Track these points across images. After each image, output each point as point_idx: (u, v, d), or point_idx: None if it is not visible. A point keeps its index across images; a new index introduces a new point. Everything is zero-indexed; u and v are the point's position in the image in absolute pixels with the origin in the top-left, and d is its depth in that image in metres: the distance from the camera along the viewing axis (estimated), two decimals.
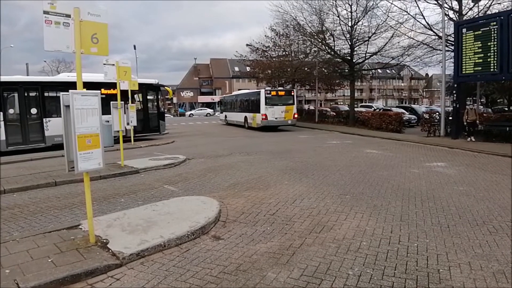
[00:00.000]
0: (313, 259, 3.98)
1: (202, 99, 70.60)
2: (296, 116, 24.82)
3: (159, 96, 19.57)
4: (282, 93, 24.59)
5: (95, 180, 8.03)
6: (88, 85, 11.37)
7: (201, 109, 61.87)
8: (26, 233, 4.84)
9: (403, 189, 7.23)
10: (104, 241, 4.30)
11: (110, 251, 4.03)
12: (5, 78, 14.25)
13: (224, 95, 41.31)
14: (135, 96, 17.97)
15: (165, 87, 20.23)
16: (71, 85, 4.11)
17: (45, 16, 3.87)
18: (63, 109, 4.07)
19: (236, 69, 67.31)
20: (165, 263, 3.91)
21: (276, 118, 23.30)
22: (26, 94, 14.69)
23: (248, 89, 33.18)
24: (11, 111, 14.31)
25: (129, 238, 4.41)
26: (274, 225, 5.09)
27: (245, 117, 26.38)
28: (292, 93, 25.11)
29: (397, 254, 4.13)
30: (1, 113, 13.73)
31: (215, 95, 68.02)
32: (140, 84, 16.74)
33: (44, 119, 14.71)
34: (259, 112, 23.48)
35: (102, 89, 14.29)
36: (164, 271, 3.73)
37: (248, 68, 41.78)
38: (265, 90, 24.18)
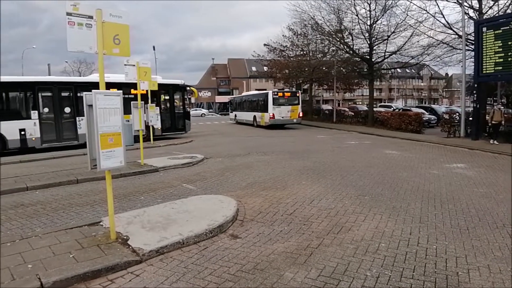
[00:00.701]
0: (331, 259, 3.96)
1: (220, 99, 70.96)
2: (301, 115, 26.34)
3: (185, 96, 20.14)
4: (288, 94, 26.22)
5: (116, 178, 8.20)
6: (118, 86, 11.92)
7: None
8: (49, 229, 4.97)
9: (423, 190, 7.11)
10: (125, 237, 4.39)
11: (130, 247, 4.11)
12: (40, 78, 14.98)
13: (234, 96, 41.50)
14: (162, 96, 18.60)
15: (191, 87, 20.77)
16: (94, 86, 4.23)
17: (68, 17, 3.94)
18: (86, 109, 4.17)
19: (254, 69, 67.37)
20: (184, 260, 3.96)
21: (282, 117, 25.00)
22: (60, 94, 15.28)
23: (255, 91, 34.85)
24: (46, 110, 14.86)
25: (149, 235, 4.48)
26: (292, 225, 5.09)
27: (254, 116, 27.95)
28: (298, 94, 26.60)
29: (416, 256, 4.07)
30: (37, 111, 14.32)
31: (233, 95, 68.40)
32: (167, 85, 18.62)
33: (77, 118, 15.25)
34: (267, 112, 25.19)
35: (132, 90, 14.79)
36: (182, 268, 3.78)
37: (265, 68, 41.82)
38: (272, 92, 25.74)
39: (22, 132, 13.94)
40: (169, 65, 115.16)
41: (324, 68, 34.27)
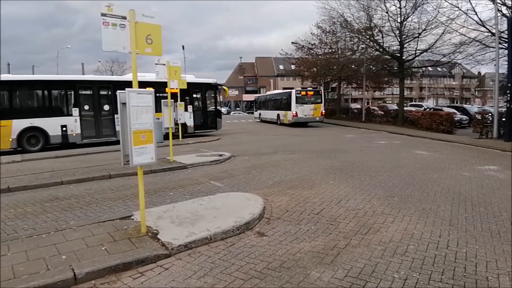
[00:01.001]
0: (358, 260, 3.92)
1: (247, 97, 71.30)
2: (323, 113, 27.07)
3: (217, 95, 20.66)
4: (311, 93, 26.91)
5: (146, 174, 8.41)
6: (152, 85, 12.23)
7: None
8: (82, 222, 5.17)
9: (453, 192, 6.89)
10: (155, 231, 4.52)
11: (160, 241, 4.23)
12: (81, 77, 15.98)
13: (259, 95, 41.76)
14: (195, 94, 19.28)
15: (222, 86, 21.39)
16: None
17: (102, 18, 4.07)
18: (120, 106, 4.31)
19: (281, 67, 67.10)
20: (211, 256, 4.03)
21: (305, 115, 25.73)
22: (99, 92, 16.13)
23: (279, 90, 35.59)
24: (86, 107, 15.66)
25: (178, 230, 4.59)
26: (319, 225, 5.06)
27: (278, 115, 28.80)
28: (320, 93, 27.51)
29: (445, 259, 3.96)
30: (78, 109, 15.19)
31: (260, 93, 68.61)
32: (200, 84, 19.37)
33: (115, 115, 15.74)
34: (290, 110, 25.91)
35: (166, 89, 15.69)
36: (210, 263, 3.85)
37: (293, 66, 41.59)
38: (295, 91, 26.38)
39: (64, 128, 14.82)
40: (197, 64, 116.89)
41: (353, 66, 33.72)
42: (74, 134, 15.08)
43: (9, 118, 13.79)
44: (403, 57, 25.45)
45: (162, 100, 11.37)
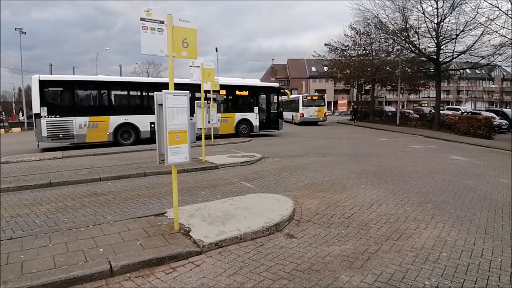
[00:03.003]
0: (389, 266, 3.86)
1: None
2: (326, 114, 33.04)
3: (279, 98, 22.04)
4: (316, 97, 32.66)
5: (180, 173, 8.63)
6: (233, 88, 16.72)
7: None
8: (118, 217, 5.40)
9: (490, 200, 6.61)
10: (187, 229, 4.65)
11: (192, 239, 4.34)
12: (164, 80, 17.41)
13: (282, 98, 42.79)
14: (260, 96, 20.91)
15: (284, 90, 22.99)
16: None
17: (141, 22, 4.24)
18: (157, 107, 4.47)
19: (313, 69, 66.74)
20: (241, 255, 4.10)
21: (310, 116, 31.09)
22: None
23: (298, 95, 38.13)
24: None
25: (209, 228, 4.69)
26: (349, 229, 5.02)
27: (292, 115, 33.36)
28: (324, 97, 33.35)
29: (479, 268, 3.83)
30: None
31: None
32: (264, 87, 21.34)
33: (193, 115, 16.60)
34: (298, 111, 31.26)
35: (237, 91, 19.45)
36: (239, 262, 3.92)
37: (325, 68, 41.21)
38: (302, 96, 32.45)
39: (152, 125, 16.33)
40: (230, 65, 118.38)
41: (387, 68, 33.00)
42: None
43: (107, 114, 15.83)
44: (440, 59, 24.62)
45: (195, 102, 11.59)
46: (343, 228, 5.05)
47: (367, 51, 34.50)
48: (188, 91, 4.48)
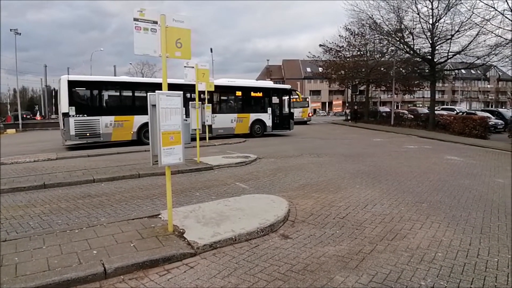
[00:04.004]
0: (384, 266, 3.86)
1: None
2: (310, 115, 36.23)
3: (291, 99, 22.87)
4: (300, 99, 33.95)
5: (174, 174, 8.59)
6: (229, 89, 18.02)
7: None
8: (112, 219, 5.34)
9: (486, 199, 6.64)
10: (181, 230, 4.62)
11: (186, 240, 4.32)
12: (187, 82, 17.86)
13: None
14: (273, 98, 21.58)
15: (296, 92, 24.24)
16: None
17: (135, 23, 4.20)
18: (150, 108, 4.44)
19: (308, 70, 66.86)
20: (236, 256, 4.08)
21: (295, 116, 30.31)
22: (201, 95, 17.69)
23: None
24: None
25: (203, 229, 4.67)
26: (344, 229, 5.02)
27: None
28: (307, 100, 37.03)
29: (475, 268, 3.84)
30: (184, 108, 17.01)
31: None
32: (277, 89, 22.21)
33: (212, 115, 17.44)
34: None
35: (252, 93, 20.54)
36: (234, 263, 3.90)
37: (320, 69, 41.33)
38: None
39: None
40: (225, 66, 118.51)
41: (382, 69, 33.16)
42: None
43: (131, 114, 16.29)
44: (435, 60, 24.77)
45: (190, 102, 11.56)
46: (338, 228, 5.05)
47: (362, 52, 34.65)
48: (181, 92, 4.45)
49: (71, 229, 4.70)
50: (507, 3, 18.11)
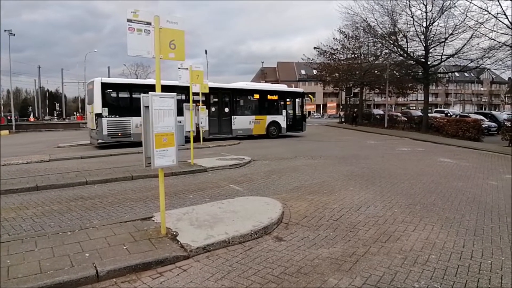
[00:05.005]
0: (377, 268, 3.86)
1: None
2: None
3: (304, 102, 23.55)
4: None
5: (167, 176, 8.55)
6: (247, 92, 19.79)
7: None
8: (105, 221, 5.29)
9: (479, 201, 6.69)
10: (174, 233, 4.59)
11: (179, 243, 4.29)
12: (211, 85, 18.73)
13: None
14: (287, 101, 22.59)
15: (309, 95, 24.40)
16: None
17: (128, 24, 4.18)
18: (143, 110, 4.42)
19: (303, 72, 67.09)
20: (229, 259, 4.06)
21: None
22: (222, 98, 19.64)
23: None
24: (213, 109, 18.96)
25: (197, 232, 4.64)
26: (337, 231, 5.02)
27: None
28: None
29: (468, 270, 3.85)
30: (207, 110, 17.55)
31: None
32: (291, 92, 23.16)
33: (232, 116, 19.65)
34: None
35: (268, 96, 21.54)
36: (227, 266, 3.88)
37: (315, 71, 41.46)
38: None
39: (197, 125, 17.26)
40: (219, 68, 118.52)
41: (376, 72, 33.32)
42: (204, 130, 17.32)
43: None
44: (428, 63, 24.95)
45: (184, 104, 11.51)
46: (332, 230, 5.05)
47: (356, 55, 34.82)
48: (174, 93, 4.43)
49: (64, 232, 4.65)
50: (501, 7, 18.31)
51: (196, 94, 15.25)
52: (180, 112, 19.01)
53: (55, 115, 63.42)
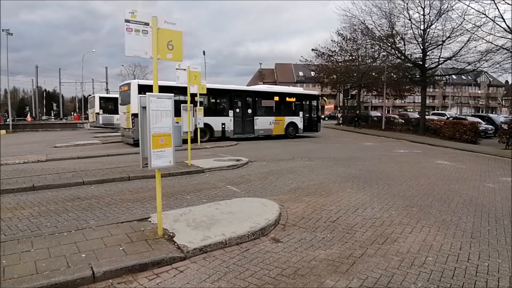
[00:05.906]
0: (374, 270, 3.86)
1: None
2: None
3: (319, 104, 24.49)
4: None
5: (164, 177, 8.53)
6: (268, 94, 20.61)
7: None
8: (101, 222, 5.27)
9: (476, 204, 6.71)
10: (171, 234, 4.57)
11: (176, 244, 4.28)
12: (234, 87, 20.78)
13: None
14: (303, 103, 23.44)
15: (323, 98, 25.40)
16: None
17: (126, 24, 4.17)
18: (140, 110, 4.40)
19: (301, 74, 66.98)
20: (226, 260, 4.05)
21: None
22: (246, 99, 20.53)
23: None
24: (237, 110, 19.92)
25: (193, 233, 4.63)
26: (334, 233, 5.02)
27: None
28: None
29: (465, 272, 3.86)
30: (232, 111, 19.51)
31: None
32: (307, 94, 24.04)
33: (254, 117, 20.51)
34: None
35: (287, 98, 22.28)
36: (224, 267, 3.87)
37: (312, 73, 41.52)
38: None
39: (223, 125, 19.12)
40: (217, 69, 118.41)
41: (373, 74, 33.44)
42: (229, 130, 19.37)
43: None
44: (426, 65, 25.06)
45: (181, 105, 11.48)
46: (329, 232, 5.05)
47: (354, 57, 34.94)
48: (172, 94, 4.43)
49: (60, 232, 4.63)
50: (498, 10, 18.41)
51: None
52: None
53: (52, 115, 63.26)
